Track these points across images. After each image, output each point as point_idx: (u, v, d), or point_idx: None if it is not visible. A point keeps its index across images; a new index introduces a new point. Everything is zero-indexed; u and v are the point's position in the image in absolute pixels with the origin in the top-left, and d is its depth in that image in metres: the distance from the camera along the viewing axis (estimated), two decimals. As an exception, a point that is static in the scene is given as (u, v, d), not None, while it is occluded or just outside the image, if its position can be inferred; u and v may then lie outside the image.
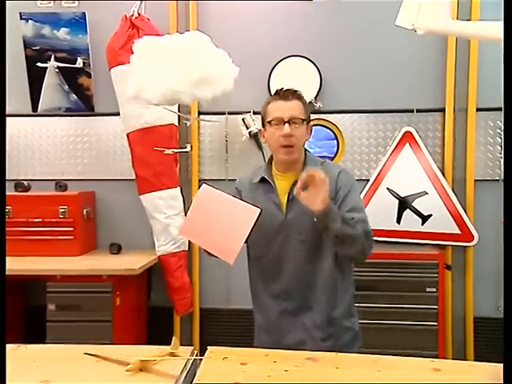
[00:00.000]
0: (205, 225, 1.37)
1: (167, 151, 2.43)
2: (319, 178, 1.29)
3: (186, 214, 2.70)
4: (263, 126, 1.54)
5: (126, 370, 1.06)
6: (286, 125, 1.43)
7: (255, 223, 1.30)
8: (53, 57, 2.83)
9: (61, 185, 2.74)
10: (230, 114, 2.80)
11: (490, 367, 1.14)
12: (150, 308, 2.86)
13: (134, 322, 2.61)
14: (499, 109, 2.57)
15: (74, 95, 2.89)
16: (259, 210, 1.31)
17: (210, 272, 2.87)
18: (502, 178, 2.62)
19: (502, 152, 2.65)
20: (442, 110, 2.71)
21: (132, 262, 2.48)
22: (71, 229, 2.64)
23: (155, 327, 2.78)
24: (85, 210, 2.73)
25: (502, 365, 0.87)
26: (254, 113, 2.75)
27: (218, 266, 2.81)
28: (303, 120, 1.47)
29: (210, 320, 2.88)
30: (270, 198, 1.50)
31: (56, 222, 2.61)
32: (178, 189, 2.72)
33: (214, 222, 1.35)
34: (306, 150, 1.55)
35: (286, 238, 1.47)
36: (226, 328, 2.81)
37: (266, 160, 1.60)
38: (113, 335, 2.33)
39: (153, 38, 2.00)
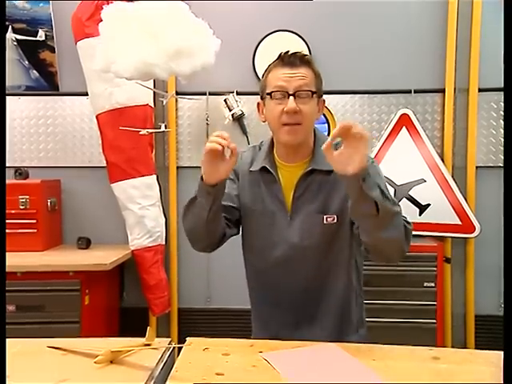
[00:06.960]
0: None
1: (143, 131, 2.40)
2: (356, 130, 1.08)
3: (162, 204, 2.75)
4: (262, 98, 1.37)
5: (95, 362, 1.05)
6: (291, 98, 1.26)
7: None
8: (10, 28, 2.77)
9: (21, 172, 2.69)
10: (210, 94, 2.79)
11: (491, 355, 1.16)
12: (122, 308, 2.85)
13: (104, 324, 2.58)
14: (503, 89, 2.62)
15: (35, 72, 2.84)
16: None
17: (190, 268, 2.86)
18: (506, 164, 2.67)
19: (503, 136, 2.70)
20: (442, 91, 2.74)
21: (102, 257, 2.45)
22: (33, 221, 2.60)
23: (128, 329, 2.73)
24: (49, 201, 2.70)
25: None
26: (238, 93, 2.75)
27: (198, 262, 2.82)
28: (314, 93, 1.29)
29: (190, 321, 2.87)
30: (273, 192, 1.37)
31: (16, 213, 2.56)
32: (154, 177, 2.70)
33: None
34: (315, 130, 1.40)
35: (291, 243, 1.35)
36: (206, 330, 2.79)
37: (265, 143, 1.44)
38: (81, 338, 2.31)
39: (124, 4, 1.98)
